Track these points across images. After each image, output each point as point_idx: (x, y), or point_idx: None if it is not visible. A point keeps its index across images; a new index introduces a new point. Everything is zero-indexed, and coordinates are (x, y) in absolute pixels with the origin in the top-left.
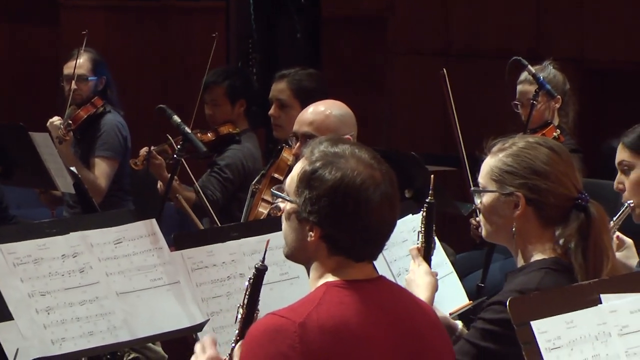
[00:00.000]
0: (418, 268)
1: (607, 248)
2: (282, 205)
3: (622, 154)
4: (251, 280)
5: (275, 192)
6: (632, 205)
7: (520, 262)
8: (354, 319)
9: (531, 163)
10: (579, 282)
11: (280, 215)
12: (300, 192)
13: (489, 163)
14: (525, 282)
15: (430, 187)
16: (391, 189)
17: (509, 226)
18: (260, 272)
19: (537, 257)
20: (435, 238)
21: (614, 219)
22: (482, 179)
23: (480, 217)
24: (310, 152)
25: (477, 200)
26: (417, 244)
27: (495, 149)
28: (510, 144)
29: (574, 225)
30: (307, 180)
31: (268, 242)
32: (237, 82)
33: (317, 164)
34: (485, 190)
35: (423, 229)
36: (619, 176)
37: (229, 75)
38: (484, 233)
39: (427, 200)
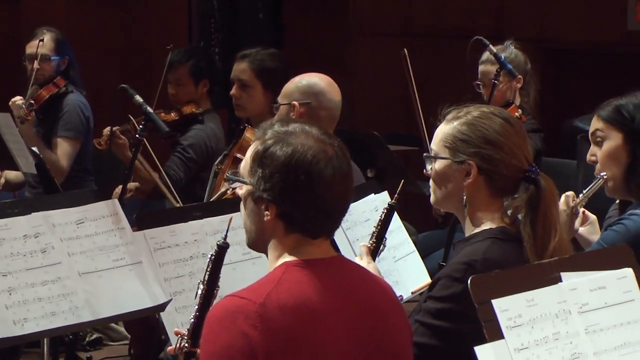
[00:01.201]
0: (367, 266)
1: (556, 221)
2: (239, 191)
3: (596, 124)
4: (212, 257)
5: (230, 176)
6: (605, 177)
7: (468, 231)
8: (314, 298)
9: (485, 133)
10: (526, 252)
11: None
12: (253, 172)
13: (443, 130)
14: (471, 253)
15: (397, 191)
16: (344, 163)
17: (459, 194)
18: (221, 250)
19: (484, 226)
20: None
21: (585, 191)
22: (435, 145)
23: (430, 183)
24: (262, 134)
25: (429, 166)
26: (369, 243)
27: (449, 116)
28: (465, 112)
29: (523, 197)
30: (260, 159)
31: (231, 220)
32: (201, 62)
33: (269, 142)
34: (438, 157)
35: (377, 229)
36: (592, 148)
37: (193, 55)
38: (432, 199)
39: (389, 202)
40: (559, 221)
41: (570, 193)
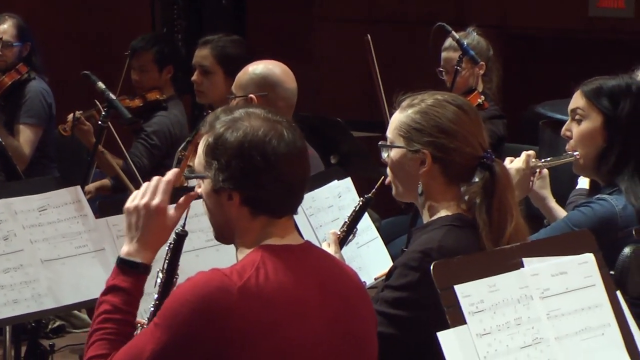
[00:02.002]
0: (334, 255)
1: (512, 206)
2: (198, 189)
3: (578, 101)
4: (171, 245)
5: (188, 174)
6: (577, 156)
7: (426, 219)
8: (289, 285)
9: (439, 121)
10: (482, 238)
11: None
12: (209, 165)
13: (398, 118)
14: (427, 241)
15: (376, 187)
16: (296, 138)
17: (415, 183)
18: (180, 238)
19: (441, 214)
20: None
21: (550, 159)
22: (390, 133)
23: (388, 172)
24: (210, 126)
25: (384, 155)
26: (339, 231)
27: (404, 103)
28: (419, 100)
29: (479, 183)
30: (212, 150)
31: (188, 209)
32: (165, 48)
33: (218, 132)
34: (392, 146)
35: (350, 220)
36: (569, 123)
37: (158, 41)
38: (393, 192)
39: (366, 196)
40: (515, 206)
41: (531, 152)
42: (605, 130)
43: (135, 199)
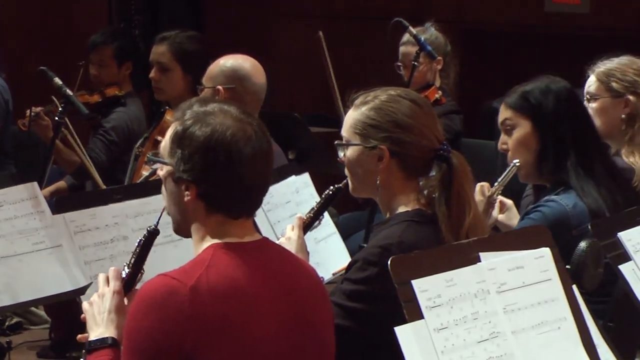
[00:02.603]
0: (296, 239)
1: (469, 197)
2: (160, 172)
3: (504, 114)
4: (141, 242)
5: (151, 157)
6: (517, 165)
7: (385, 214)
8: (242, 282)
9: (394, 116)
10: (442, 231)
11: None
12: (173, 152)
13: (352, 116)
14: (387, 237)
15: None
16: (263, 142)
17: (373, 179)
18: (151, 235)
19: (400, 209)
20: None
21: (499, 179)
22: (345, 132)
23: (345, 170)
24: (181, 114)
25: (341, 154)
26: (305, 216)
27: (358, 101)
28: (372, 96)
29: (436, 176)
30: (179, 139)
31: (164, 209)
32: (125, 44)
33: (187, 123)
34: (349, 144)
35: (317, 206)
36: (502, 136)
37: (118, 36)
38: (350, 188)
39: (337, 185)
40: (472, 198)
41: (484, 183)
42: (537, 133)
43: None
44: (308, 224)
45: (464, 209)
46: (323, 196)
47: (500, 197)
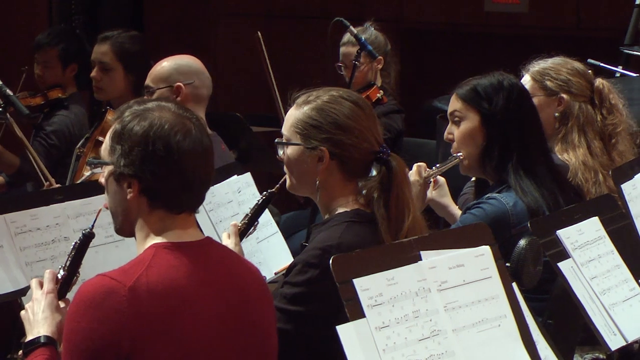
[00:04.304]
0: (234, 246)
1: (408, 200)
2: (101, 178)
3: (454, 105)
4: (76, 245)
5: (92, 160)
6: (461, 157)
7: (325, 215)
8: (183, 282)
9: (335, 118)
10: (381, 232)
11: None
12: (113, 150)
13: (294, 115)
14: (326, 238)
15: (280, 182)
16: (203, 136)
17: (313, 179)
18: (86, 239)
19: (339, 209)
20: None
21: (439, 165)
22: (286, 130)
23: (284, 168)
24: (120, 114)
25: (280, 152)
26: (240, 223)
27: (300, 100)
28: (314, 96)
29: (376, 178)
30: (118, 136)
31: (100, 211)
32: (71, 46)
33: (126, 120)
34: (289, 143)
35: (252, 213)
36: (450, 127)
37: (63, 38)
38: (287, 184)
39: (269, 190)
40: (412, 200)
41: (422, 164)
42: (484, 128)
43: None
44: (243, 231)
45: (403, 212)
46: (256, 202)
47: (434, 179)
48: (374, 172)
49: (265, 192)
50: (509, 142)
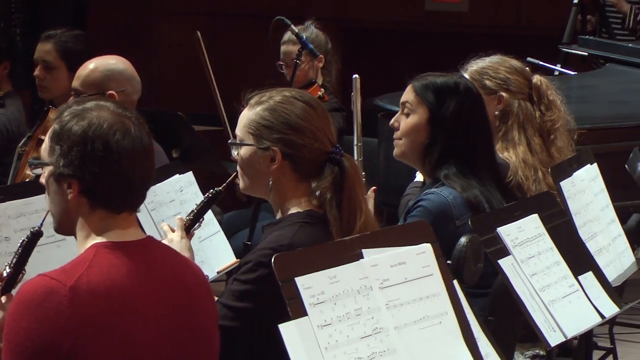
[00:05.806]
0: (179, 240)
1: (361, 201)
2: (42, 179)
3: (408, 95)
4: (24, 243)
5: (32, 161)
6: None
7: (277, 215)
8: (125, 282)
9: (287, 118)
10: (333, 233)
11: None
12: (52, 150)
13: (246, 115)
14: (279, 238)
15: (227, 181)
16: (143, 135)
17: (266, 179)
18: (34, 237)
19: (292, 210)
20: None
21: (194, 207)
22: (239, 131)
23: (237, 169)
24: (59, 115)
25: (234, 152)
26: (185, 218)
27: (252, 101)
28: (267, 97)
29: (328, 179)
30: (57, 136)
31: (48, 212)
32: (2, 43)
33: (65, 120)
34: (242, 144)
35: (197, 209)
36: (399, 115)
37: None
38: (241, 185)
39: (217, 188)
40: (364, 201)
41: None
42: (429, 127)
43: None
44: (188, 226)
45: (355, 212)
46: (203, 199)
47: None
48: (326, 173)
49: (212, 190)
50: (451, 147)
